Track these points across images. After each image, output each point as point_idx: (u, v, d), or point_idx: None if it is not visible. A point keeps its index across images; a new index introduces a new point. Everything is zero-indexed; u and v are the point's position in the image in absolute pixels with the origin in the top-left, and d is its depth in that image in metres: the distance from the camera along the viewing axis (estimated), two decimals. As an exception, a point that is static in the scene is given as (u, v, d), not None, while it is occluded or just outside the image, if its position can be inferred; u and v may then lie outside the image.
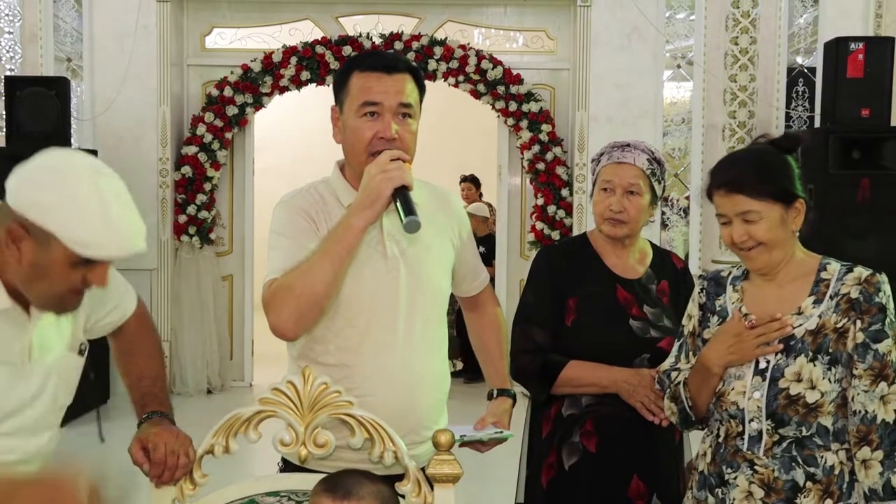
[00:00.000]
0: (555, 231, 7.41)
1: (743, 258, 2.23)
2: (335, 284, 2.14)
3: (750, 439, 2.16)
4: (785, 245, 2.19)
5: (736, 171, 2.22)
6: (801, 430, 2.11)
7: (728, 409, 2.19)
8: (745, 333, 2.16)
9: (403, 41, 7.42)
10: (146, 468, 1.99)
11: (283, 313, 2.12)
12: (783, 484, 2.12)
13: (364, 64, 2.28)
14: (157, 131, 7.33)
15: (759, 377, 2.15)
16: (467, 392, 7.03)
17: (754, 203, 2.15)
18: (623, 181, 2.65)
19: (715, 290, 2.33)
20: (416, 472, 2.03)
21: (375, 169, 2.14)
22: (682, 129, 7.69)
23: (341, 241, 2.12)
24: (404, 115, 2.25)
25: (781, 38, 7.32)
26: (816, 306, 2.15)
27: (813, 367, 2.11)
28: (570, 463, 2.62)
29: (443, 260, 2.39)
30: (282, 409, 2.00)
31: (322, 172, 2.42)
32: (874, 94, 6.38)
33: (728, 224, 2.21)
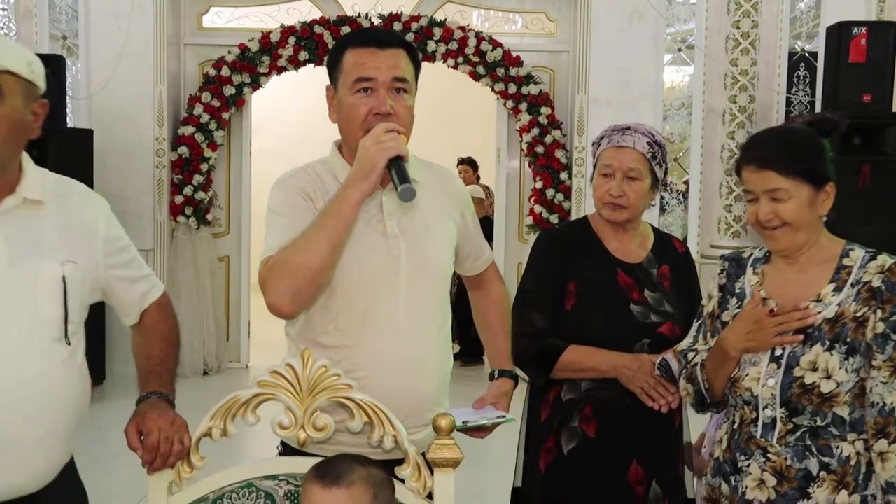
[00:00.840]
0: (553, 214, 7.38)
1: (766, 238, 2.18)
2: (332, 258, 2.12)
3: (764, 426, 2.14)
4: (810, 228, 2.15)
5: (768, 147, 2.17)
6: (816, 419, 2.08)
7: (742, 395, 2.16)
8: (766, 321, 2.12)
9: (402, 22, 7.37)
10: (139, 453, 1.97)
11: (280, 289, 2.10)
12: (796, 473, 2.10)
13: (357, 40, 2.26)
14: (153, 111, 7.28)
15: (774, 364, 2.12)
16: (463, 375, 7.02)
17: (784, 181, 2.11)
18: (623, 165, 2.62)
19: (735, 271, 2.30)
20: (415, 457, 2.01)
21: (370, 140, 2.12)
22: (681, 113, 7.68)
23: (337, 215, 2.10)
24: (399, 90, 2.23)
25: (783, 23, 7.28)
26: (836, 294, 2.11)
27: (829, 356, 2.07)
28: (568, 448, 2.61)
29: (444, 239, 2.36)
30: (280, 392, 1.97)
31: (320, 153, 2.39)
32: (876, 79, 6.35)
33: (755, 201, 2.16)
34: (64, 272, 2.00)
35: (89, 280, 2.08)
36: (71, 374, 2.04)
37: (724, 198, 7.23)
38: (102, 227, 2.11)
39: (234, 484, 2.05)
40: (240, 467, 2.07)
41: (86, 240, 2.07)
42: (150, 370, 2.15)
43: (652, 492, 2.61)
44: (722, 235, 7.24)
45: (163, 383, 2.11)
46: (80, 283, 2.04)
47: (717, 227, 7.27)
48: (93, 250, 2.08)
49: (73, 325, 2.03)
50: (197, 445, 2.01)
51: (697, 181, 7.41)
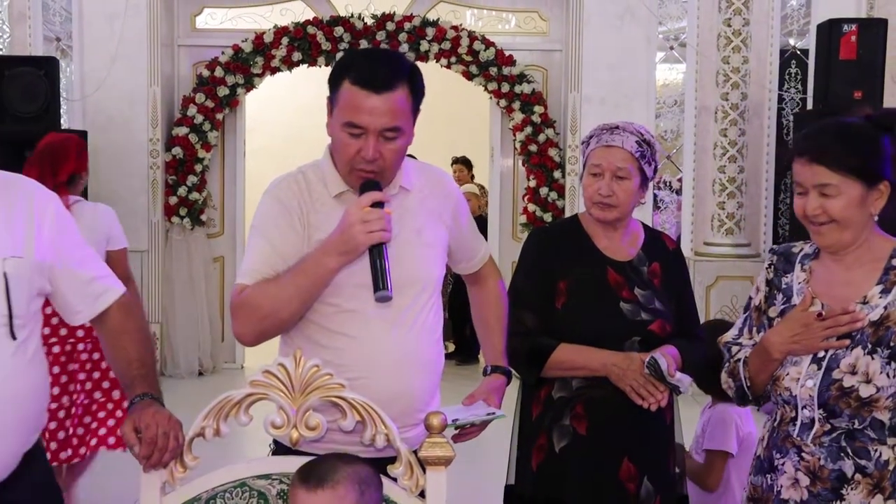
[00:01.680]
0: (547, 213, 7.40)
1: (813, 233, 2.12)
2: (300, 312, 2.21)
3: (801, 426, 2.10)
4: (859, 226, 2.08)
5: (821, 140, 2.09)
6: (854, 422, 2.04)
7: (782, 395, 2.13)
8: (814, 325, 2.06)
9: (395, 22, 7.38)
10: (137, 449, 1.98)
11: (247, 328, 2.23)
12: (829, 473, 2.06)
13: (356, 74, 2.18)
14: (147, 112, 7.28)
15: (814, 365, 2.08)
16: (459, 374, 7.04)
17: (834, 176, 2.04)
18: (611, 165, 2.63)
19: (784, 266, 2.24)
20: (407, 455, 2.02)
21: (356, 217, 2.10)
22: (674, 110, 7.69)
23: (311, 277, 2.16)
24: (388, 138, 2.20)
25: (774, 20, 7.31)
26: (884, 296, 2.06)
27: (870, 360, 2.01)
28: (560, 445, 2.62)
29: (434, 243, 2.37)
30: (273, 392, 1.99)
31: (313, 153, 2.39)
32: (867, 75, 6.37)
33: (804, 195, 2.09)
34: (5, 268, 2.00)
35: (38, 273, 2.08)
36: (20, 367, 2.05)
37: (717, 195, 7.25)
38: (49, 223, 2.11)
39: (227, 483, 2.06)
40: (232, 467, 2.08)
41: (31, 233, 2.07)
42: (133, 375, 2.15)
43: (643, 489, 2.62)
44: (715, 232, 7.26)
45: (149, 385, 2.13)
46: (27, 277, 2.05)
47: (711, 224, 7.29)
48: (41, 243, 2.07)
49: (20, 319, 2.04)
50: (190, 445, 2.02)
51: (690, 178, 7.43)
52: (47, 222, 2.10)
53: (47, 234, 2.09)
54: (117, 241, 4.04)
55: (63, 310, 2.21)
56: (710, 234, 7.28)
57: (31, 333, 2.09)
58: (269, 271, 2.19)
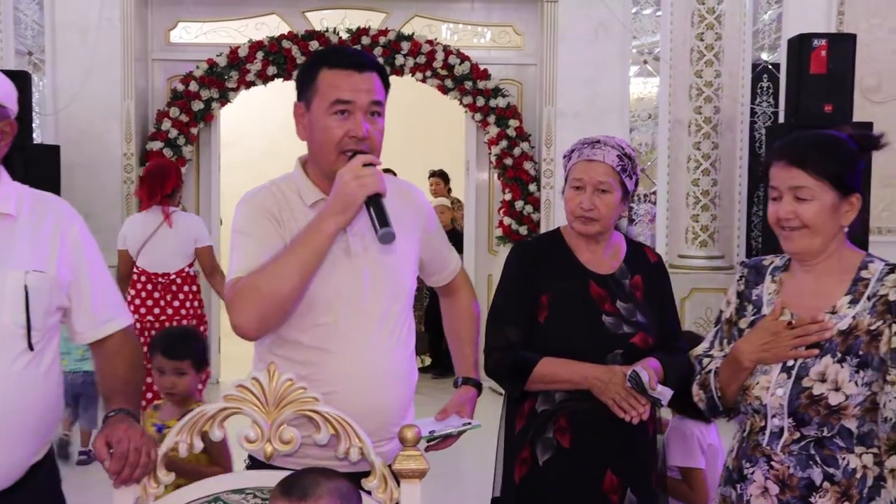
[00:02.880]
0: (522, 226, 7.42)
1: (783, 238, 2.15)
2: (301, 287, 2.14)
3: (771, 435, 2.12)
4: (828, 234, 2.11)
5: (802, 146, 2.14)
6: (823, 430, 2.06)
7: (752, 404, 2.15)
8: (783, 333, 2.09)
9: (370, 36, 7.38)
10: (107, 464, 1.97)
11: (248, 313, 2.13)
12: (798, 481, 2.08)
13: (332, 61, 2.26)
14: (121, 126, 7.25)
15: (784, 374, 2.10)
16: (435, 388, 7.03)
17: (810, 180, 2.07)
18: (593, 179, 2.64)
19: (754, 278, 2.27)
20: (381, 468, 2.02)
21: (349, 175, 2.12)
22: (648, 124, 7.74)
23: (310, 245, 2.12)
24: (374, 114, 2.24)
25: (746, 35, 7.39)
26: (852, 306, 2.09)
27: (839, 368, 2.04)
28: (543, 458, 2.62)
29: (407, 256, 2.38)
30: (247, 406, 1.98)
31: (289, 167, 2.40)
32: (837, 89, 6.45)
33: (778, 199, 2.12)
34: (27, 281, 2.03)
35: (57, 289, 2.11)
36: (33, 379, 2.07)
37: (690, 207, 7.30)
38: (71, 242, 2.15)
39: (201, 498, 2.05)
40: (206, 481, 2.07)
41: (55, 249, 2.11)
42: (116, 389, 2.17)
43: (627, 501, 2.62)
44: (689, 245, 7.31)
45: (129, 401, 2.13)
46: (47, 291, 2.08)
47: (685, 236, 7.34)
48: (62, 260, 2.11)
49: (38, 332, 2.06)
50: (163, 460, 2.02)
51: (665, 191, 7.47)
52: (70, 241, 2.15)
53: (69, 252, 2.14)
54: (203, 240, 5.56)
55: (68, 326, 2.24)
56: (685, 247, 7.33)
57: (46, 345, 2.12)
58: (260, 264, 2.16)
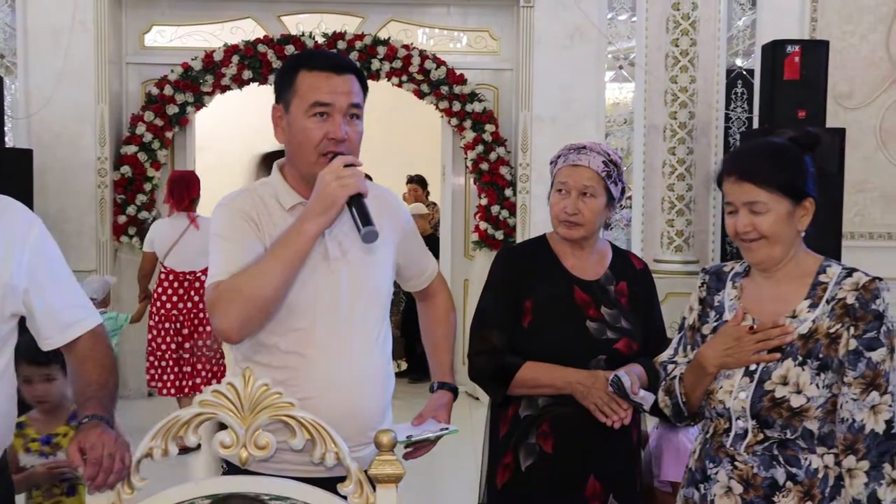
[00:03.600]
0: (499, 231, 7.43)
1: (744, 250, 2.20)
2: (284, 289, 2.14)
3: (735, 437, 2.15)
4: (787, 242, 2.15)
5: (750, 160, 2.18)
6: (786, 432, 2.09)
7: (716, 408, 2.18)
8: (745, 338, 2.12)
9: (346, 40, 7.38)
10: (82, 470, 1.96)
11: (230, 316, 2.12)
12: (762, 481, 2.11)
13: (311, 63, 2.26)
14: (94, 130, 7.20)
15: (747, 378, 2.13)
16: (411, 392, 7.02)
17: (763, 193, 2.12)
18: (578, 183, 2.65)
19: (715, 284, 2.30)
20: (357, 473, 2.01)
21: (330, 175, 2.13)
22: (624, 129, 7.76)
23: (292, 246, 2.12)
24: (353, 116, 2.24)
25: (720, 41, 7.44)
26: (812, 310, 2.12)
27: (801, 371, 2.08)
28: (526, 464, 2.63)
29: (384, 261, 2.38)
30: (222, 411, 1.97)
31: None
32: (810, 95, 6.50)
33: (734, 213, 2.17)
34: None
35: (11, 295, 2.08)
36: None
37: (665, 212, 7.34)
38: (30, 247, 2.12)
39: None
40: (181, 486, 2.05)
41: (10, 255, 2.08)
42: (89, 395, 2.14)
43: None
44: (664, 250, 7.34)
45: (103, 407, 2.11)
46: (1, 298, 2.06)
47: (660, 241, 7.38)
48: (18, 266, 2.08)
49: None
50: (137, 466, 2.00)
51: (640, 196, 7.51)
52: (28, 246, 2.11)
53: (26, 257, 2.10)
54: None
55: (35, 333, 2.21)
56: (660, 252, 7.36)
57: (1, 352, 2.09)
58: (240, 267, 2.15)
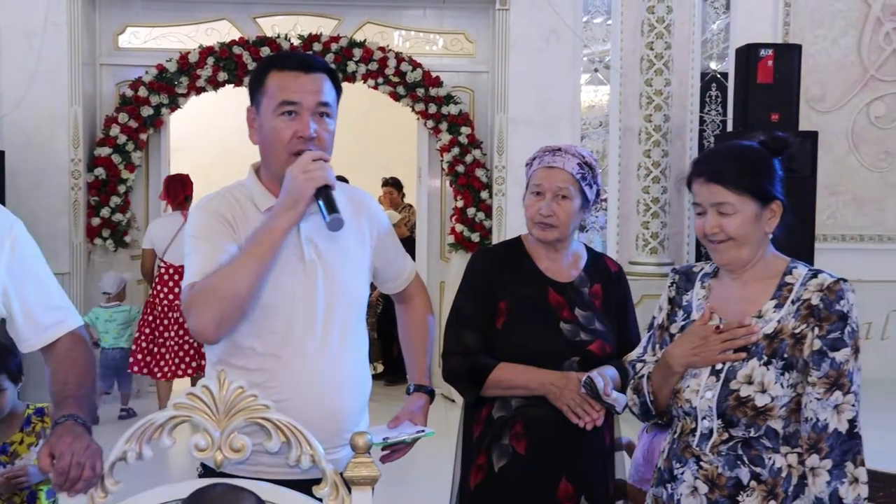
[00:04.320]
0: (475, 233, 7.44)
1: (712, 251, 2.22)
2: (257, 286, 2.14)
3: (701, 436, 2.17)
4: (755, 244, 2.18)
5: (718, 162, 2.21)
6: (750, 431, 2.11)
7: (682, 407, 2.20)
8: (712, 337, 2.15)
9: (322, 42, 7.37)
10: (51, 475, 1.94)
11: (206, 315, 2.12)
12: (726, 481, 2.13)
13: (280, 63, 2.27)
14: (68, 132, 7.15)
15: (713, 377, 2.16)
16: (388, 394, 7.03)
17: (730, 195, 2.14)
18: (553, 185, 2.66)
19: (684, 284, 2.33)
20: (333, 476, 2.01)
21: (297, 169, 2.14)
22: (599, 131, 7.80)
23: (264, 243, 2.13)
24: (322, 115, 2.25)
25: (695, 44, 7.50)
26: (777, 310, 2.15)
27: (765, 370, 2.10)
28: (499, 465, 2.63)
29: (360, 262, 2.38)
30: (197, 414, 1.97)
31: (240, 174, 2.39)
32: (783, 99, 6.57)
33: (703, 214, 2.20)
34: None
35: None
36: None
37: (641, 215, 7.38)
38: (9, 247, 2.11)
39: (152, 508, 2.03)
40: (157, 490, 2.05)
41: None
42: (66, 395, 2.12)
43: None
44: (640, 251, 7.38)
45: (79, 407, 2.08)
46: None
47: (635, 243, 7.41)
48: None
49: None
50: (111, 470, 1.99)
51: (615, 198, 7.54)
52: (7, 247, 2.10)
53: (5, 258, 2.09)
54: None
55: (14, 336, 2.20)
56: (635, 254, 7.40)
57: None
58: (215, 267, 2.15)
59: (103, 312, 6.85)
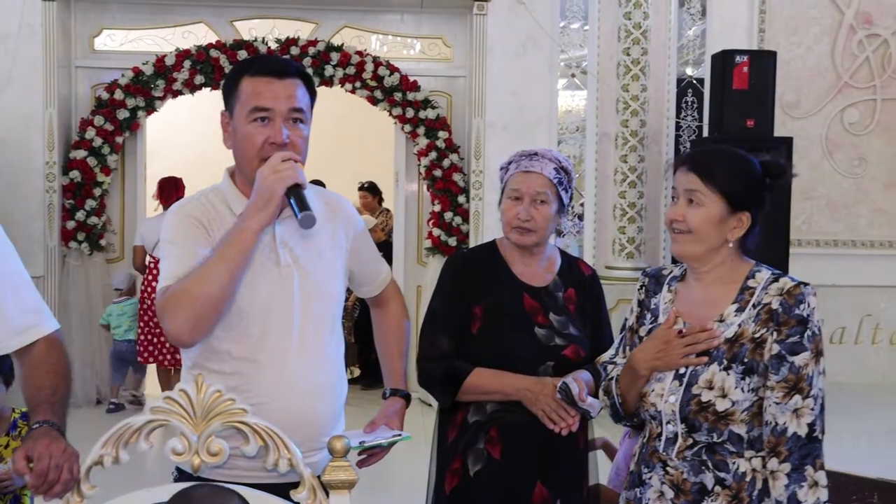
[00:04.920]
0: (452, 237, 7.44)
1: (672, 241, 2.24)
2: (231, 288, 2.14)
3: (666, 441, 2.18)
4: (710, 245, 2.18)
5: (709, 155, 2.25)
6: (713, 436, 2.12)
7: (648, 410, 2.21)
8: (675, 342, 2.16)
9: (300, 46, 7.35)
10: (27, 479, 1.93)
11: (180, 318, 2.11)
12: (691, 486, 2.14)
13: (253, 68, 2.27)
14: (43, 135, 7.10)
15: (676, 381, 2.16)
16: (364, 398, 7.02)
17: (703, 187, 2.15)
18: (530, 190, 2.66)
19: (653, 287, 2.34)
20: (310, 479, 2.01)
21: (267, 170, 2.14)
22: (576, 136, 7.84)
23: (235, 244, 2.12)
24: (295, 121, 2.24)
25: (671, 50, 7.55)
26: (738, 314, 2.15)
27: (726, 375, 2.11)
28: (475, 469, 2.63)
29: (335, 266, 2.38)
30: (174, 418, 1.96)
31: (215, 177, 2.38)
32: (758, 105, 6.62)
33: (676, 201, 2.21)
34: None
35: None
36: None
37: (617, 220, 7.41)
38: None
39: (127, 513, 2.02)
40: (133, 494, 2.04)
41: None
42: (41, 401, 2.11)
43: None
44: (616, 256, 7.41)
45: (54, 413, 2.08)
46: None
47: (612, 248, 7.45)
48: None
49: None
50: (87, 474, 1.98)
51: (592, 203, 7.57)
52: None
53: None
54: None
55: None
56: (612, 258, 7.43)
57: None
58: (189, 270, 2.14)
59: (116, 307, 7.17)
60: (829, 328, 7.41)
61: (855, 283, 7.78)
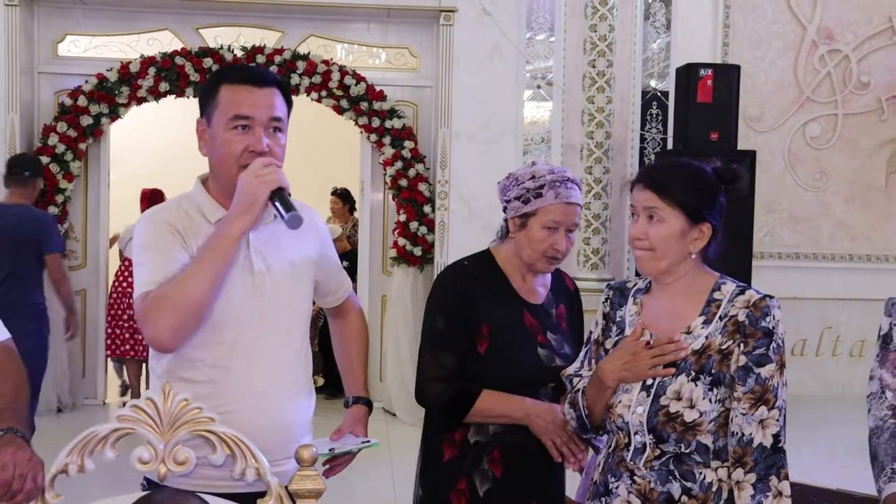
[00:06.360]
0: (417, 247, 7.44)
1: (636, 258, 2.25)
2: (214, 292, 2.13)
3: (634, 451, 2.18)
4: (673, 259, 2.20)
5: (663, 173, 2.25)
6: (681, 446, 2.13)
7: (616, 422, 2.21)
8: (641, 353, 2.16)
9: (266, 55, 7.33)
10: None
11: (161, 324, 2.10)
12: (658, 495, 2.15)
13: (233, 76, 2.27)
14: (5, 140, 7.01)
15: (644, 392, 2.17)
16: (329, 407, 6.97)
17: (661, 203, 2.17)
18: (569, 221, 2.58)
19: (618, 300, 2.35)
20: (278, 489, 2.00)
21: (249, 175, 2.14)
22: (541, 147, 7.87)
23: (218, 249, 2.12)
24: (275, 129, 2.25)
25: (636, 63, 7.61)
26: (705, 326, 2.17)
27: (694, 386, 2.12)
28: (483, 489, 2.58)
29: (305, 275, 2.38)
30: (141, 427, 1.94)
31: (180, 184, 2.38)
32: (722, 117, 6.71)
33: (635, 218, 2.23)
34: None
35: None
36: None
37: (582, 231, 7.45)
38: None
39: (91, 522, 2.00)
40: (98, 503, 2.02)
41: None
42: (2, 408, 2.09)
43: None
44: (581, 267, 7.45)
45: (17, 420, 2.06)
46: None
47: (577, 259, 7.48)
48: None
49: None
50: (52, 483, 1.96)
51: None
52: None
53: None
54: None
55: None
56: (576, 270, 7.46)
57: None
58: (167, 276, 2.13)
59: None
60: (790, 340, 7.49)
61: (816, 295, 7.87)
